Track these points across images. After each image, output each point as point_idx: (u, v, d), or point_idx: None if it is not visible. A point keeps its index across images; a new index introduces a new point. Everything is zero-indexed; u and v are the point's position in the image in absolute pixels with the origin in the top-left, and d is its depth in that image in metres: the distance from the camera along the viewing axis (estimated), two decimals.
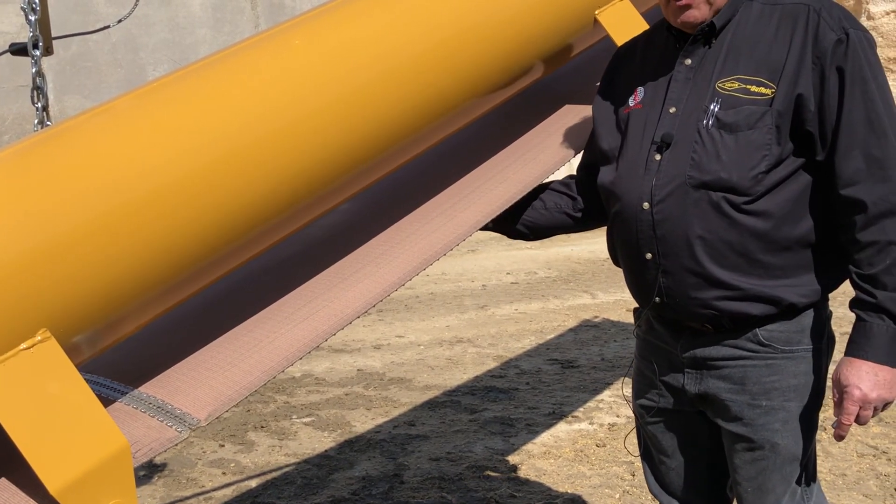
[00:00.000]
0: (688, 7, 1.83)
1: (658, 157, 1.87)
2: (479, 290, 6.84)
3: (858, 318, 1.80)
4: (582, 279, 6.96)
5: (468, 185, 2.18)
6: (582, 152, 2.21)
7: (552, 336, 5.62)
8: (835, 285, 1.91)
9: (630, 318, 5.88)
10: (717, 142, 1.80)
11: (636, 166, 1.91)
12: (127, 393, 1.68)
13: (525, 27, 2.16)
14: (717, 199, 1.80)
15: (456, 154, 2.31)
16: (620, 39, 2.27)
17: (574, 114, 2.36)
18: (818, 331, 1.91)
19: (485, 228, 2.16)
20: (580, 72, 2.57)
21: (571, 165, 2.24)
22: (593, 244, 8.10)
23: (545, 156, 2.23)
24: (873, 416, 1.81)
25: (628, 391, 2.20)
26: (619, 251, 2.02)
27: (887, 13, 11.60)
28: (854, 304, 1.81)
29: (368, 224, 2.10)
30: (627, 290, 2.08)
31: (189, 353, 1.78)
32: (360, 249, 2.02)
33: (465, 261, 7.75)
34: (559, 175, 2.27)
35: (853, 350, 1.79)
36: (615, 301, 6.24)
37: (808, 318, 1.89)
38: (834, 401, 1.83)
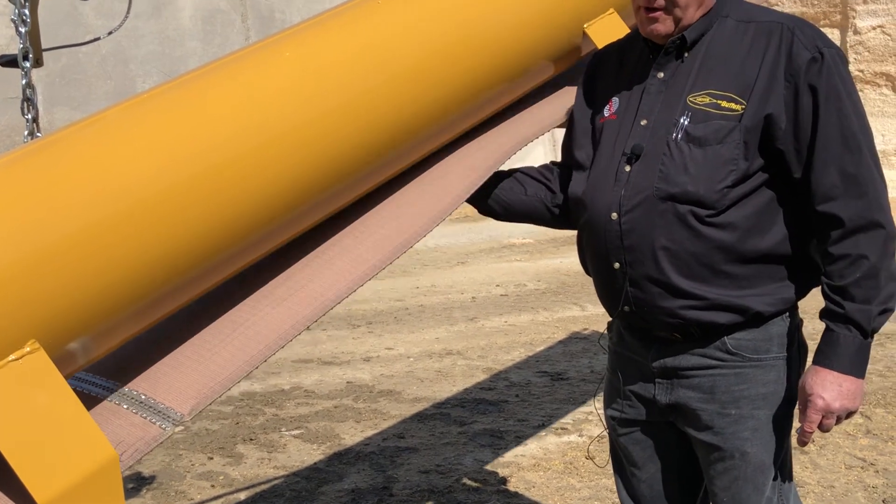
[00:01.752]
0: (654, 20, 1.86)
1: (628, 168, 1.89)
2: (469, 302, 6.84)
3: (826, 329, 1.83)
4: (571, 291, 6.97)
5: (447, 162, 2.14)
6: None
7: (542, 348, 5.62)
8: (802, 294, 1.93)
9: None
10: (685, 155, 1.82)
11: (606, 176, 1.93)
12: (109, 388, 1.66)
13: (515, 41, 2.17)
14: (683, 211, 1.82)
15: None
16: None
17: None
18: (787, 339, 1.93)
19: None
20: (567, 84, 2.58)
21: (553, 135, 2.22)
22: None
23: (523, 127, 2.22)
24: (836, 425, 1.84)
25: (600, 405, 2.21)
26: (589, 260, 2.05)
27: (873, 28, 11.69)
28: (823, 315, 1.84)
29: (345, 209, 2.05)
30: None
31: (169, 343, 1.75)
32: (339, 231, 1.97)
33: (455, 273, 7.75)
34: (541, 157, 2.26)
35: (819, 359, 1.82)
36: (604, 313, 6.20)
37: (775, 326, 1.91)
38: (798, 408, 1.85)
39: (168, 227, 1.59)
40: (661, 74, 1.91)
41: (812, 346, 1.94)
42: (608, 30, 2.33)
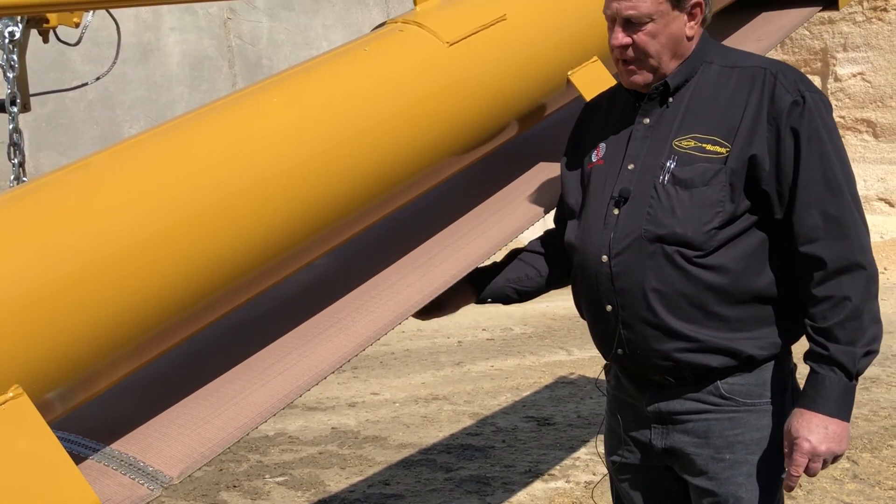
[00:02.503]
0: (632, 72, 1.91)
1: (616, 211, 1.91)
2: (455, 346, 6.83)
3: (811, 371, 1.83)
4: (557, 335, 6.97)
5: (443, 240, 2.19)
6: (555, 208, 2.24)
7: (528, 393, 5.61)
8: (794, 338, 1.94)
9: None
10: (672, 197, 1.85)
11: (596, 220, 1.95)
12: (98, 450, 1.66)
13: (501, 88, 2.19)
14: (671, 252, 1.84)
15: (431, 210, 2.33)
16: None
17: (548, 171, 2.39)
18: (780, 384, 1.93)
19: (481, 301, 2.22)
20: (554, 130, 2.61)
21: (546, 221, 2.26)
22: (568, 300, 8.10)
23: (519, 212, 2.26)
24: (823, 469, 1.83)
25: (602, 448, 2.20)
26: (582, 304, 2.05)
27: (853, 75, 11.86)
28: (808, 357, 1.84)
29: (343, 279, 2.10)
30: None
31: (162, 410, 1.76)
32: (335, 304, 2.02)
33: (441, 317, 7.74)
34: (534, 231, 2.29)
35: (805, 402, 1.82)
36: (591, 357, 6.25)
37: (768, 370, 1.91)
38: (784, 452, 1.85)
39: (155, 272, 1.59)
40: (647, 120, 1.94)
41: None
42: (592, 77, 2.36)
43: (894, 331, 6.96)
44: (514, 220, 2.23)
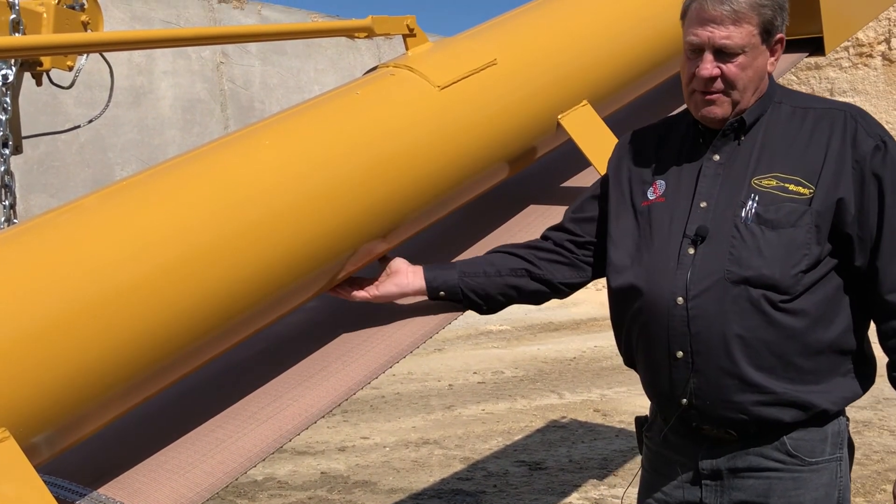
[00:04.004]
0: (711, 102, 1.83)
1: (692, 251, 1.82)
2: (446, 389, 6.79)
3: None
4: (549, 379, 6.94)
5: None
6: (555, 229, 2.11)
7: (519, 437, 5.57)
8: (861, 392, 1.88)
9: (598, 419, 5.86)
10: (757, 237, 1.77)
11: (667, 260, 1.84)
12: (86, 494, 1.64)
13: (491, 132, 2.21)
14: (756, 295, 1.76)
15: (422, 252, 2.33)
16: (582, 142, 2.33)
17: (538, 214, 2.40)
18: (839, 439, 1.86)
19: (431, 292, 2.05)
20: (545, 173, 2.62)
21: None
22: (559, 343, 8.11)
23: None
24: None
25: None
26: (641, 350, 1.91)
27: None
28: None
29: (334, 322, 2.10)
30: (594, 390, 2.06)
31: (150, 454, 1.75)
32: (326, 347, 2.01)
33: (432, 360, 7.71)
34: None
35: None
36: (582, 401, 6.22)
37: (833, 426, 1.85)
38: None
39: (144, 314, 1.58)
40: (718, 157, 1.87)
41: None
42: (581, 120, 2.38)
43: (884, 373, 6.97)
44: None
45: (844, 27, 3.31)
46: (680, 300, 1.80)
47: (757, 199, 1.79)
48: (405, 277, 2.03)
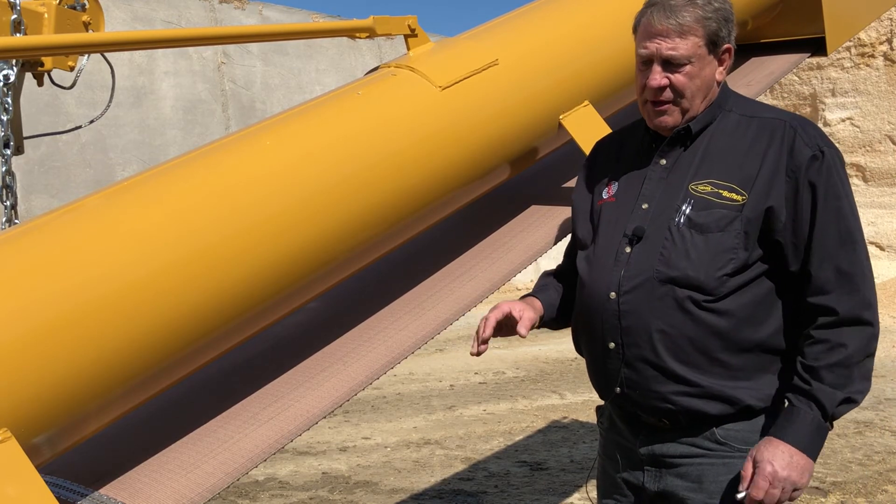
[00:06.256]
0: (663, 112, 1.91)
1: (628, 249, 1.92)
2: (447, 390, 6.79)
3: (788, 404, 1.84)
4: (550, 379, 6.94)
5: (436, 283, 2.19)
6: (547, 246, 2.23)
7: (521, 437, 5.57)
8: None
9: None
10: (686, 240, 1.85)
11: (607, 257, 1.95)
12: (87, 495, 1.64)
13: (493, 132, 2.21)
14: (681, 295, 1.84)
15: (424, 253, 2.33)
16: (584, 142, 2.33)
17: (540, 214, 2.40)
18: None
19: (543, 326, 2.13)
20: (547, 173, 2.62)
21: (539, 265, 2.27)
22: (560, 344, 8.10)
23: (512, 255, 2.26)
24: (782, 499, 1.81)
25: (594, 491, 2.18)
26: (584, 340, 2.04)
27: (842, 120, 11.99)
28: (788, 390, 1.85)
29: (335, 323, 2.10)
30: (595, 391, 2.08)
31: (151, 454, 1.75)
32: (328, 348, 2.01)
33: (433, 360, 7.71)
34: (527, 273, 2.29)
35: (775, 431, 1.83)
36: (584, 401, 6.22)
37: (764, 419, 1.90)
38: (743, 474, 1.84)
39: (147, 314, 1.58)
40: (664, 161, 1.95)
41: None
42: (583, 120, 2.38)
43: (886, 374, 6.96)
44: (507, 263, 2.23)
45: (846, 27, 3.31)
46: (613, 295, 1.91)
47: (692, 203, 1.87)
48: (530, 305, 2.06)
